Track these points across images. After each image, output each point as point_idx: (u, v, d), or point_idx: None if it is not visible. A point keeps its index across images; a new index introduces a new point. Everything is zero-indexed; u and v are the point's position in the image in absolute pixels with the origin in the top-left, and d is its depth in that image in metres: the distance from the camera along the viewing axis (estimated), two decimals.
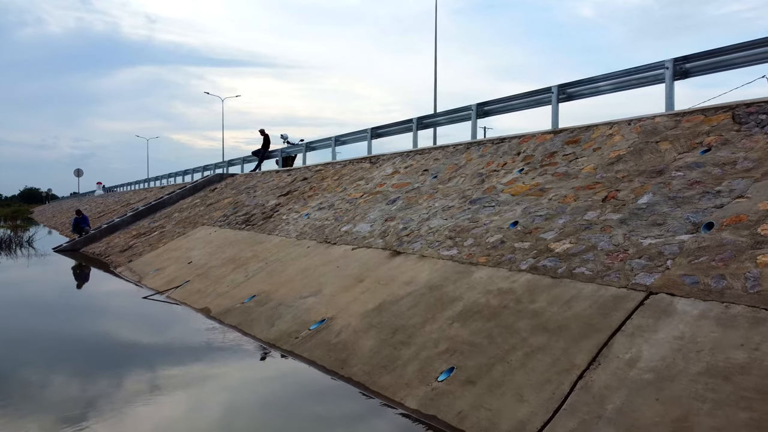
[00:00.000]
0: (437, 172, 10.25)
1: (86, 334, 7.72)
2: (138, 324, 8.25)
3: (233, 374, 5.88)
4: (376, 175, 12.00)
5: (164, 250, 13.92)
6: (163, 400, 5.13)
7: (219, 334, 7.27)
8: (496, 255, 6.26)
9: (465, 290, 5.82)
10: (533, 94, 10.90)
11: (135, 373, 5.82)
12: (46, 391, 5.36)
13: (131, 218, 21.15)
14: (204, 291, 9.39)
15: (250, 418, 4.72)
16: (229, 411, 4.79)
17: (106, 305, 9.91)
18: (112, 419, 4.60)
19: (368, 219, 9.43)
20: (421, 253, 7.19)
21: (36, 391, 5.36)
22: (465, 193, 8.55)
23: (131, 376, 5.70)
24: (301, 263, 8.78)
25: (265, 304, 7.74)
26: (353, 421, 4.59)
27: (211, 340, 7.05)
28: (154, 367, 6.06)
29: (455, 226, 7.51)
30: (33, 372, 5.93)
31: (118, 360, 6.28)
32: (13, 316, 8.86)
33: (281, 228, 11.40)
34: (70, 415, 4.65)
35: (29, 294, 11.34)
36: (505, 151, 9.59)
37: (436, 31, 33.33)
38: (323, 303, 6.98)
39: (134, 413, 4.75)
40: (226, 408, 4.86)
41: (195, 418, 4.74)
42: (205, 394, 5.29)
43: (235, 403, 4.99)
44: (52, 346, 7.00)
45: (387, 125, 15.17)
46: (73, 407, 4.85)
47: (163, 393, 5.28)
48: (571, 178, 7.42)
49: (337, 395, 5.07)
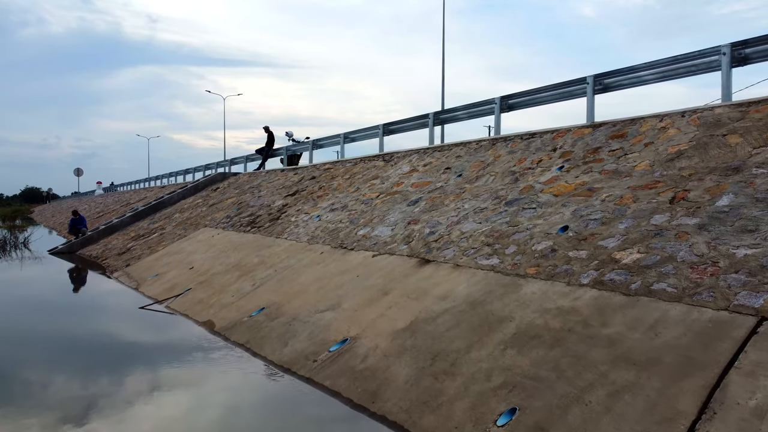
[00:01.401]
0: (461, 170, 9.37)
1: (70, 355, 6.84)
2: (132, 341, 7.37)
3: (245, 410, 5.00)
4: (392, 174, 11.12)
5: (164, 254, 13.05)
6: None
7: (224, 353, 6.40)
8: (548, 266, 5.38)
9: (515, 308, 4.93)
10: (565, 85, 10.02)
11: (126, 404, 4.94)
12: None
13: (130, 219, 20.29)
14: (207, 301, 8.52)
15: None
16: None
17: (98, 317, 9.04)
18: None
19: (388, 222, 8.55)
20: (455, 262, 6.31)
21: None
22: (498, 193, 7.67)
23: (121, 410, 4.82)
24: (314, 271, 7.90)
25: (275, 318, 6.87)
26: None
27: (215, 362, 6.18)
28: (151, 398, 5.19)
29: (492, 230, 6.63)
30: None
31: (105, 389, 5.40)
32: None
33: (290, 231, 10.53)
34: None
35: (15, 301, 10.46)
36: (538, 146, 8.71)
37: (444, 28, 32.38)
38: (344, 319, 6.10)
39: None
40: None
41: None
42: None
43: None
44: (27, 370, 6.13)
45: (400, 121, 14.28)
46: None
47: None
48: (624, 177, 6.53)
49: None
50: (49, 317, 8.92)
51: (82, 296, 11.54)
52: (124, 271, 12.93)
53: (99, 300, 10.85)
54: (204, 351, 6.59)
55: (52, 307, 9.93)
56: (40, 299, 10.69)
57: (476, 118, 12.21)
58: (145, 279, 11.39)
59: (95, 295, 11.48)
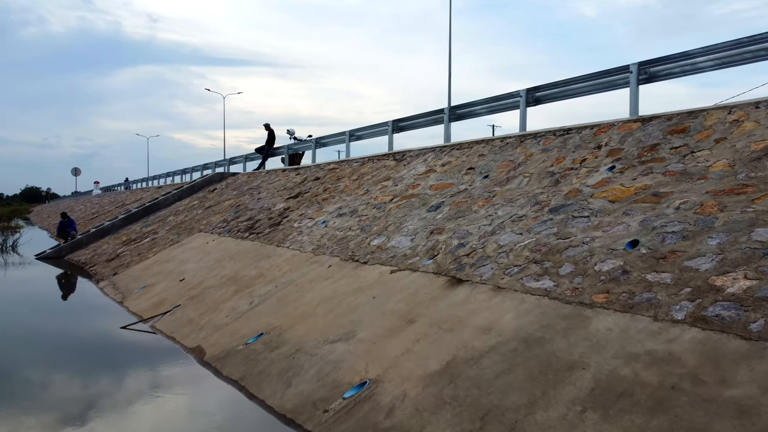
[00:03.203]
0: (487, 170, 8.24)
1: (24, 391, 5.72)
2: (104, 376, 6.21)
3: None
4: (406, 175, 10.00)
5: (154, 262, 11.93)
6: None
7: (214, 394, 5.28)
8: (621, 293, 4.25)
9: (587, 351, 3.81)
10: (603, 74, 8.89)
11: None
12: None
13: (122, 221, 19.18)
14: (197, 322, 7.39)
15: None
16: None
17: (72, 340, 7.88)
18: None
19: (406, 230, 7.42)
20: (494, 283, 5.18)
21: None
22: (538, 198, 6.55)
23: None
24: (322, 289, 6.77)
25: (276, 348, 5.74)
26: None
27: (202, 406, 5.06)
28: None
29: (537, 244, 5.50)
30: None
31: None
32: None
33: (293, 238, 9.40)
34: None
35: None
36: (577, 144, 7.58)
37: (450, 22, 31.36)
38: (360, 354, 4.98)
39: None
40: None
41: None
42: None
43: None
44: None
45: (412, 117, 13.17)
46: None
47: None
48: (697, 179, 5.40)
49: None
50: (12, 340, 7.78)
51: (59, 312, 10.39)
52: (111, 281, 11.81)
53: (77, 317, 9.71)
54: (190, 390, 5.48)
55: (22, 326, 8.79)
56: (11, 315, 9.56)
57: (497, 113, 11.10)
58: (131, 291, 10.27)
59: (74, 311, 10.35)
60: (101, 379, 5.97)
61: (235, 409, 4.90)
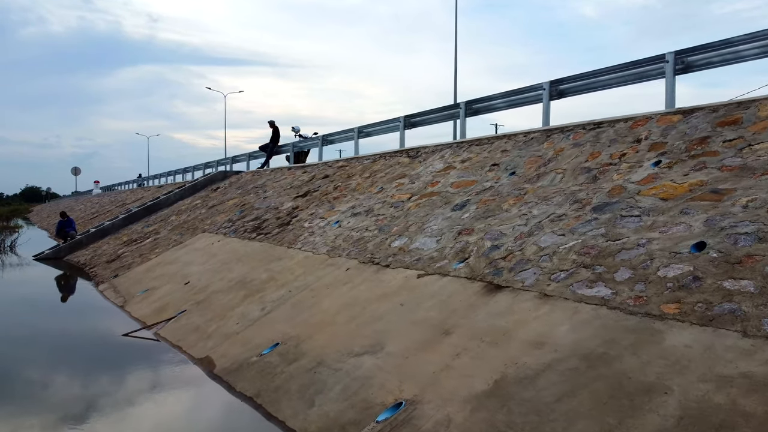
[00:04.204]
0: (514, 167, 7.72)
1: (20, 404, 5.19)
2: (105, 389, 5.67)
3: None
4: (423, 172, 9.47)
5: (156, 264, 11.40)
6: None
7: (228, 414, 4.76)
8: (697, 303, 3.73)
9: (665, 371, 3.28)
10: (635, 65, 8.36)
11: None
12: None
13: (123, 221, 18.66)
14: (205, 330, 6.87)
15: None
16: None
17: (69, 349, 7.34)
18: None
19: (430, 231, 6.90)
20: (540, 290, 4.66)
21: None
22: (576, 196, 6.02)
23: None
24: (341, 294, 6.25)
25: (294, 360, 5.22)
26: None
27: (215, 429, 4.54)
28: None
29: (584, 246, 4.97)
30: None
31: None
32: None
33: (304, 239, 8.87)
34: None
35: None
36: (612, 138, 7.06)
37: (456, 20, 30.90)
38: (391, 369, 4.46)
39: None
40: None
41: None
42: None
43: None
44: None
45: (425, 112, 12.64)
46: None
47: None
48: (761, 174, 4.88)
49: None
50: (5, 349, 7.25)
51: (56, 318, 9.84)
52: (111, 284, 11.29)
53: (75, 323, 9.17)
54: (201, 408, 4.96)
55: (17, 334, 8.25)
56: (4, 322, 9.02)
57: (517, 108, 10.55)
58: (133, 294, 9.75)
59: (73, 317, 9.81)
60: (101, 394, 5.45)
61: (254, 429, 4.38)
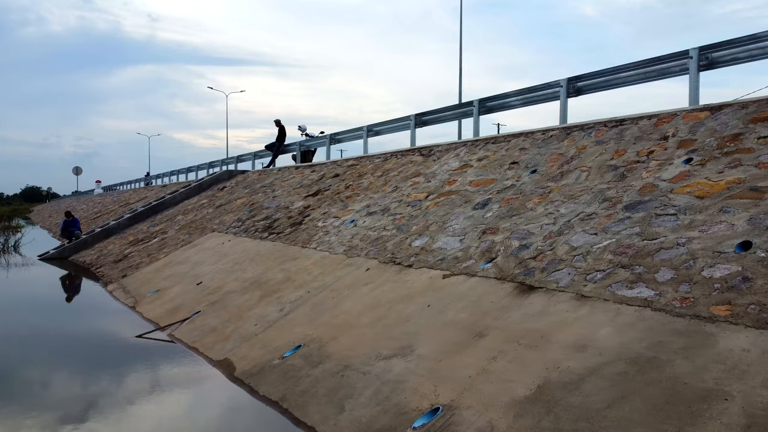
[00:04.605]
0: (535, 165, 7.57)
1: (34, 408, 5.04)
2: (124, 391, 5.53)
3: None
4: (438, 170, 9.32)
5: (166, 264, 11.25)
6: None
7: (254, 419, 4.61)
8: (749, 305, 3.58)
9: (722, 376, 3.13)
10: (656, 61, 8.22)
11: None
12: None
13: (128, 221, 18.51)
14: (222, 331, 6.72)
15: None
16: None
17: (83, 349, 7.19)
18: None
19: (452, 230, 6.75)
20: (576, 291, 4.51)
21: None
22: (605, 194, 5.87)
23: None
24: (362, 295, 6.10)
25: (319, 363, 5.07)
26: None
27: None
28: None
29: (619, 245, 4.82)
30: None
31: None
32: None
33: (319, 239, 8.72)
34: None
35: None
36: (636, 135, 6.91)
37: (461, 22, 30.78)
38: (424, 373, 4.30)
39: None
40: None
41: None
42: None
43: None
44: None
45: (437, 110, 12.49)
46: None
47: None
48: None
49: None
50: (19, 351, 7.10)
51: (67, 319, 9.70)
52: (120, 284, 11.13)
53: (87, 324, 9.01)
54: (225, 413, 4.80)
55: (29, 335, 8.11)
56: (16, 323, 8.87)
57: (532, 105, 10.40)
58: (143, 295, 9.59)
59: (84, 318, 9.64)
60: (120, 397, 5.29)
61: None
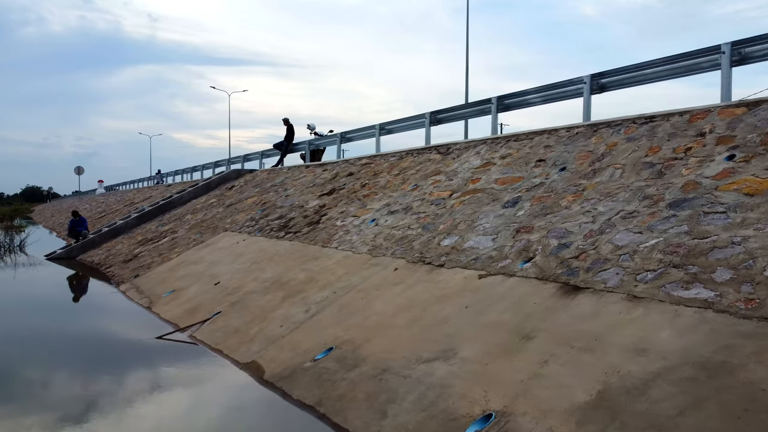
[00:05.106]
0: (563, 162, 7.40)
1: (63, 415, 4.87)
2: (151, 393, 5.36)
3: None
4: (459, 168, 9.15)
5: (179, 263, 11.08)
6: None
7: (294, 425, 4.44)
8: None
9: None
10: (685, 57, 8.05)
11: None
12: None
13: (136, 220, 18.35)
14: (245, 332, 6.55)
15: None
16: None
17: (102, 350, 7.01)
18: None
19: (482, 229, 6.58)
20: (627, 291, 4.34)
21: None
22: (645, 192, 5.70)
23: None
24: (394, 296, 5.92)
25: (355, 366, 4.90)
26: None
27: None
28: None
29: (668, 244, 4.65)
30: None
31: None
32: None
33: (340, 238, 8.55)
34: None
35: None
36: (670, 132, 6.74)
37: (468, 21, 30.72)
38: (470, 377, 4.13)
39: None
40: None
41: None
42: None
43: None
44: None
45: (452, 108, 12.33)
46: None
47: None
48: None
49: None
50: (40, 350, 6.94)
51: (84, 319, 9.52)
52: (133, 284, 10.96)
53: (104, 325, 8.83)
54: (262, 419, 4.63)
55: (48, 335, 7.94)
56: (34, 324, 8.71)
57: (553, 102, 10.24)
58: (159, 295, 9.42)
59: (99, 318, 9.47)
60: (146, 401, 5.12)
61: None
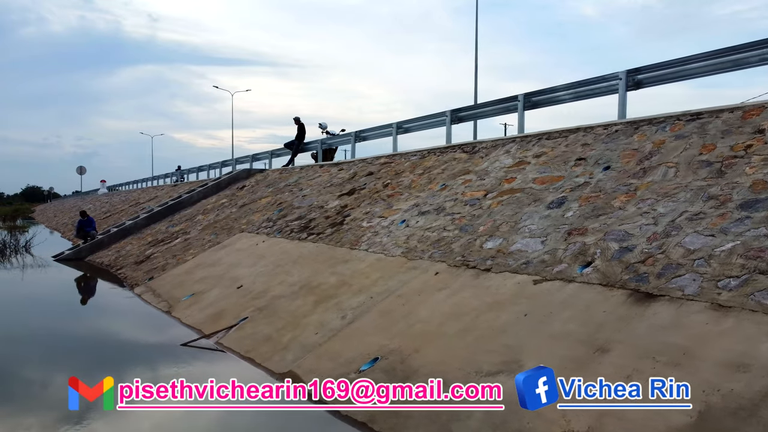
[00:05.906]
0: (607, 161, 7.06)
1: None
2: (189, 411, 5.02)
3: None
4: (490, 168, 8.82)
5: (196, 265, 10.75)
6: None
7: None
8: None
9: None
10: (731, 51, 7.71)
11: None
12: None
13: (145, 221, 18.02)
14: (278, 340, 6.21)
15: None
16: None
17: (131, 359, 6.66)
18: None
19: (527, 230, 6.24)
20: (711, 300, 4.00)
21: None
22: (708, 192, 5.36)
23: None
24: (439, 302, 5.59)
25: (406, 379, 4.55)
26: None
27: None
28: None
29: (748, 248, 4.32)
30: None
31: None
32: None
33: (368, 240, 8.21)
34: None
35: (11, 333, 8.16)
36: (722, 129, 6.41)
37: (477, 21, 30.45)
38: None
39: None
40: None
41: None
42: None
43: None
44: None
45: (476, 106, 12.02)
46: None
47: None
48: None
49: None
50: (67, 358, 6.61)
51: (103, 324, 9.17)
52: (148, 287, 10.63)
53: (126, 330, 8.49)
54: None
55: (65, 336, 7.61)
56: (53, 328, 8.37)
57: (585, 99, 9.90)
58: (177, 299, 9.09)
59: (120, 322, 9.13)
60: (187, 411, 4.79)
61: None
